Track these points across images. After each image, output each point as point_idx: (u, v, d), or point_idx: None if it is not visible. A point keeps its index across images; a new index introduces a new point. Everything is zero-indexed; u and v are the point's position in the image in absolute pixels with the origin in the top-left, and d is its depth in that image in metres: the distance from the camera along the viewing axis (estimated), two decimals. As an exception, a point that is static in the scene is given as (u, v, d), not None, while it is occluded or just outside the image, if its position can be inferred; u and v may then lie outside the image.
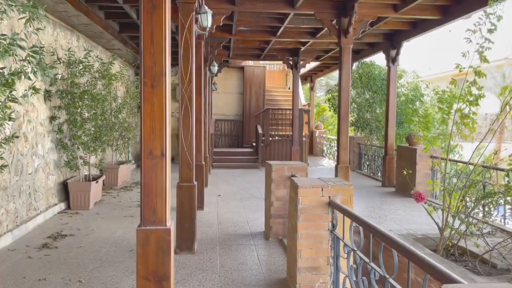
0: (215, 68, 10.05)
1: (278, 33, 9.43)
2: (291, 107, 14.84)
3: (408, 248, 2.15)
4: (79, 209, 7.23)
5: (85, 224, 6.29)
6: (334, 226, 3.51)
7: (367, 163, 12.30)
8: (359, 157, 12.93)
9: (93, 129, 7.70)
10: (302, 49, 11.48)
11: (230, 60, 13.64)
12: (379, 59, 15.82)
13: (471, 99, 4.86)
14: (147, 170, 2.50)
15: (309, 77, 17.65)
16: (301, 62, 12.04)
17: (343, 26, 7.33)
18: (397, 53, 9.70)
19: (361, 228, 2.83)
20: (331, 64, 14.63)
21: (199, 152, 7.48)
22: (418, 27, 8.74)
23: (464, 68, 4.79)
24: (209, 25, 6.15)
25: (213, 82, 14.37)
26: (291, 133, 13.90)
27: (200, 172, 7.34)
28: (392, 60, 9.83)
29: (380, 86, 12.69)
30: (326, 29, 9.02)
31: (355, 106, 13.11)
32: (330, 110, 15.56)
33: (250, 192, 9.15)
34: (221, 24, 7.29)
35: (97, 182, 7.57)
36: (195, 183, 5.24)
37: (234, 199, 8.40)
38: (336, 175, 7.62)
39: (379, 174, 11.48)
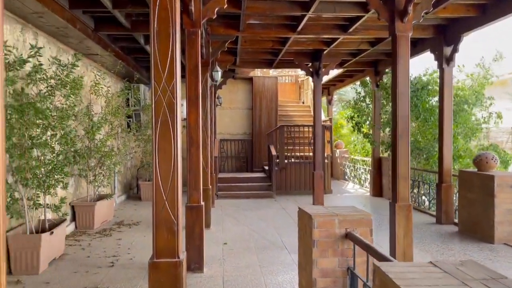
0: (218, 75, 7.92)
1: (299, 27, 7.28)
2: (308, 124, 12.65)
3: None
4: (23, 274, 4.98)
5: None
6: None
7: (410, 191, 9.95)
8: (395, 182, 10.59)
9: (49, 156, 5.52)
10: (325, 52, 9.32)
11: (236, 69, 11.51)
12: (415, 63, 13.37)
13: None
14: None
15: (325, 89, 15.47)
16: (323, 69, 9.87)
17: (399, 5, 5.15)
18: (454, 50, 7.50)
19: None
20: (354, 72, 12.44)
21: (195, 189, 5.23)
22: (488, 12, 6.54)
23: None
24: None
25: (217, 95, 12.22)
26: (310, 154, 11.65)
27: (195, 225, 5.12)
28: (446, 59, 7.62)
29: (416, 96, 10.43)
30: (363, 19, 6.86)
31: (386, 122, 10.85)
32: (354, 130, 13.33)
33: (267, 237, 6.85)
34: (225, 6, 5.13)
35: (51, 233, 5.32)
36: (181, 257, 2.97)
37: (246, 250, 6.10)
38: (393, 218, 5.33)
39: (426, 204, 9.14)
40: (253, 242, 6.54)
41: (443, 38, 7.59)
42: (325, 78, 12.90)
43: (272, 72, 16.33)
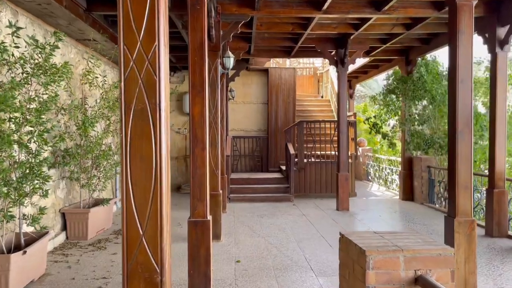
0: (230, 61, 6.84)
1: (325, 5, 6.17)
2: (331, 119, 11.52)
3: None
4: (-13, 305, 4.02)
5: None
6: None
7: (442, 193, 8.77)
8: (428, 185, 9.43)
9: (24, 157, 4.54)
10: (352, 36, 8.18)
11: (250, 58, 10.42)
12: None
13: None
14: None
15: (347, 82, 14.25)
16: (349, 58, 8.72)
17: (460, -36, 4.02)
18: (511, 31, 6.29)
19: None
20: (381, 62, 11.24)
21: (200, 200, 4.19)
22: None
23: None
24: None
25: (229, 88, 11.17)
26: (332, 152, 10.53)
27: (200, 245, 4.11)
28: (500, 42, 6.42)
29: (440, 89, 9.19)
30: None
31: (409, 119, 9.63)
32: (371, 132, 12.09)
33: (288, 253, 5.77)
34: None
35: (24, 252, 4.33)
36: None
37: (263, 270, 5.03)
38: (450, 236, 4.21)
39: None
40: (271, 259, 5.47)
41: (496, 16, 6.38)
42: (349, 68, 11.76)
43: (289, 64, 15.20)
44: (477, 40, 6.95)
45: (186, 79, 11.66)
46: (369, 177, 13.77)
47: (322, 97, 15.34)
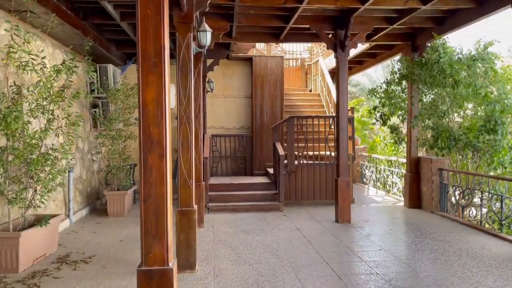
0: (206, 37, 5.23)
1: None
2: (325, 115, 10.14)
3: None
4: None
5: None
6: None
7: (459, 201, 7.45)
8: (440, 190, 8.11)
9: None
10: (355, 14, 6.77)
11: (232, 43, 8.88)
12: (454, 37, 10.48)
13: None
14: None
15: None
16: (350, 41, 7.31)
17: None
18: None
19: None
20: (381, 49, 9.87)
21: (157, 238, 2.66)
22: None
23: None
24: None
25: (207, 79, 9.63)
26: (327, 153, 9.13)
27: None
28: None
29: (464, 77, 7.81)
30: None
31: (423, 112, 8.24)
32: (374, 123, 10.75)
33: (284, 291, 4.31)
34: None
35: None
36: None
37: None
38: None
39: (489, 222, 6.66)
40: (264, 303, 4.00)
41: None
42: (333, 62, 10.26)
43: (275, 51, 13.74)
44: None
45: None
46: (364, 179, 12.45)
47: (310, 91, 13.94)
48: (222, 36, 7.39)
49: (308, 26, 7.38)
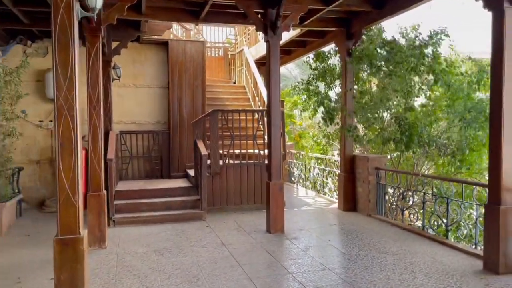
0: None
1: None
2: (253, 109, 9.10)
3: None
4: None
5: None
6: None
7: (398, 203, 6.80)
8: (377, 191, 7.46)
9: None
10: (291, -12, 5.73)
11: (142, 21, 7.38)
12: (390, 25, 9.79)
13: None
14: None
15: (262, 66, 11.91)
16: (282, 23, 6.28)
17: None
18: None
19: None
20: (312, 37, 9.00)
21: None
22: None
23: None
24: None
25: (112, 64, 8.05)
26: (256, 151, 8.09)
27: None
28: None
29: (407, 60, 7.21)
30: None
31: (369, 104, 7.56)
32: (318, 122, 10.01)
33: None
34: None
35: None
36: None
37: None
38: None
39: (435, 226, 6.07)
40: None
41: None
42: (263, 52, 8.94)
43: (195, 35, 12.38)
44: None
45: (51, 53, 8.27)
46: (292, 178, 11.67)
47: (234, 83, 12.83)
48: (128, 10, 5.90)
49: (234, 3, 6.21)
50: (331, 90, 8.87)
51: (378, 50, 7.30)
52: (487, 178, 5.04)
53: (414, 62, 6.67)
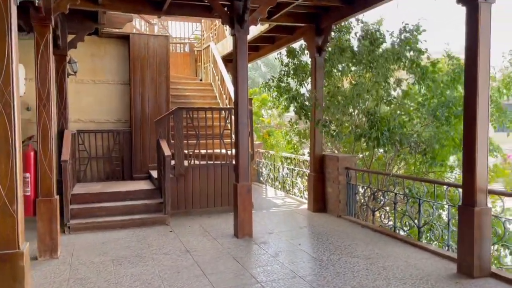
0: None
1: None
2: (221, 107, 8.76)
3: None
4: None
5: None
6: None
7: (369, 204, 6.64)
8: (347, 191, 7.29)
9: None
10: (258, -21, 5.42)
11: (100, 12, 6.88)
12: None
13: None
14: None
15: (229, 62, 11.54)
16: (250, 16, 5.97)
17: None
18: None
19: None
20: (281, 33, 8.72)
21: None
22: None
23: None
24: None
25: (68, 58, 7.49)
26: (223, 151, 7.75)
27: None
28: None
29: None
30: None
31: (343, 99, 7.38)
32: (293, 119, 9.77)
33: None
34: None
35: None
36: None
37: None
38: None
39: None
40: None
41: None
42: (230, 48, 8.50)
43: (160, 31, 11.86)
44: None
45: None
46: (261, 178, 11.40)
47: (201, 80, 12.41)
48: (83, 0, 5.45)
49: (199, -7, 5.85)
50: (303, 87, 8.68)
51: (362, 41, 7.23)
52: (457, 174, 4.92)
53: (397, 55, 6.65)
